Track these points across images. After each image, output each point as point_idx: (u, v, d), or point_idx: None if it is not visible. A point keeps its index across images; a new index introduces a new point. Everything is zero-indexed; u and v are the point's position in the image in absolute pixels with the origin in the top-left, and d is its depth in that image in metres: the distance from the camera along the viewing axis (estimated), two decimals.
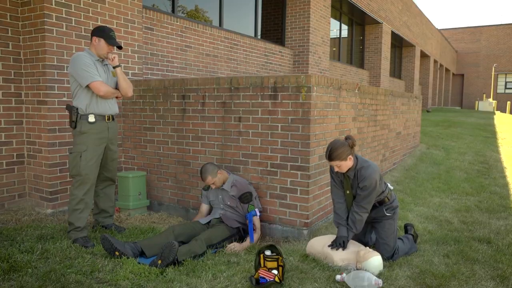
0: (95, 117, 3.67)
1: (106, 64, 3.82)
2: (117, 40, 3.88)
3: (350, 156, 3.19)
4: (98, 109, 3.69)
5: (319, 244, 3.36)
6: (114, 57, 3.78)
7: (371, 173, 3.17)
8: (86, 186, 3.68)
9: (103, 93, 3.63)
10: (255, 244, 3.76)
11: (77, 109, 3.63)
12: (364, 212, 3.24)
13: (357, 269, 3.10)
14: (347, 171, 3.25)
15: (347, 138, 3.23)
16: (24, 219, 4.16)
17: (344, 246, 3.23)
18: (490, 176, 6.74)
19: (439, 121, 14.89)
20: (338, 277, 2.94)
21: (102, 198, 4.01)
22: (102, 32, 3.72)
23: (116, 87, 3.81)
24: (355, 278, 2.84)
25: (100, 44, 3.71)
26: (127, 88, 3.83)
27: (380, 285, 2.81)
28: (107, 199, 4.04)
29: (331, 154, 3.17)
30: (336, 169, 3.24)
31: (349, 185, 3.30)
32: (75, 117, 3.63)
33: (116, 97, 3.86)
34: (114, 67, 3.79)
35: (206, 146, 4.44)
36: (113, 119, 3.85)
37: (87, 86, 3.59)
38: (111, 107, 3.81)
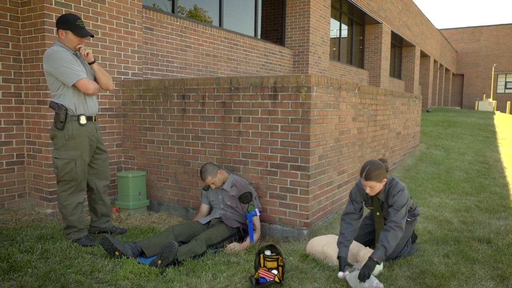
0: (86, 118, 3.44)
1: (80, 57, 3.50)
2: (86, 28, 3.37)
3: (385, 179, 3.14)
4: (88, 109, 3.47)
5: (319, 244, 3.36)
6: (87, 53, 3.39)
7: (402, 189, 3.15)
8: (82, 192, 3.58)
9: (92, 91, 3.39)
10: (255, 244, 3.76)
11: (66, 109, 3.34)
12: (398, 227, 3.02)
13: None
14: (377, 194, 3.21)
15: (383, 161, 3.17)
16: (24, 219, 4.15)
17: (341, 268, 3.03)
18: (490, 176, 6.74)
19: (439, 121, 14.89)
20: (340, 274, 2.93)
21: (101, 204, 3.84)
22: (67, 24, 3.31)
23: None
24: (357, 278, 2.84)
25: (68, 37, 3.33)
26: (107, 82, 3.53)
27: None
28: (106, 205, 3.88)
29: (370, 173, 3.07)
30: (368, 190, 3.14)
31: (379, 207, 3.28)
32: (64, 117, 3.33)
33: None
34: (90, 63, 3.45)
35: (206, 146, 4.44)
36: (95, 119, 3.62)
37: (73, 86, 3.33)
38: (96, 106, 3.59)
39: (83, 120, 3.42)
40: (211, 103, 4.36)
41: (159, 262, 3.09)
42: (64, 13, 4.30)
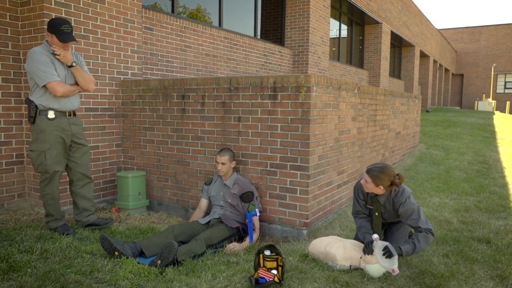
0: (54, 113, 3.57)
1: None
2: (72, 33, 3.54)
3: (382, 188, 3.16)
4: (59, 105, 3.58)
5: (321, 245, 3.35)
6: (63, 56, 3.50)
7: (409, 195, 3.16)
8: (55, 182, 3.70)
9: (61, 94, 3.51)
10: (255, 244, 3.76)
11: (35, 104, 3.51)
12: (428, 231, 3.05)
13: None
14: (378, 195, 3.25)
15: (399, 177, 3.18)
16: (24, 219, 4.15)
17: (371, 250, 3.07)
18: (490, 176, 6.74)
19: (438, 121, 14.90)
20: (375, 235, 3.07)
21: (80, 198, 3.90)
22: (52, 27, 3.45)
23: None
24: (381, 250, 2.98)
25: (53, 40, 3.49)
26: (87, 84, 3.67)
27: (394, 273, 2.94)
28: (86, 199, 3.93)
29: (373, 171, 3.14)
30: (362, 181, 3.24)
31: (379, 209, 3.31)
32: (33, 112, 3.51)
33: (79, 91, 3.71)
34: (69, 67, 3.56)
35: (205, 146, 4.44)
36: (74, 114, 3.73)
37: (44, 86, 3.48)
38: (73, 103, 3.69)
39: (51, 114, 3.57)
40: (211, 103, 4.36)
41: (159, 262, 3.09)
42: (63, 13, 4.31)
